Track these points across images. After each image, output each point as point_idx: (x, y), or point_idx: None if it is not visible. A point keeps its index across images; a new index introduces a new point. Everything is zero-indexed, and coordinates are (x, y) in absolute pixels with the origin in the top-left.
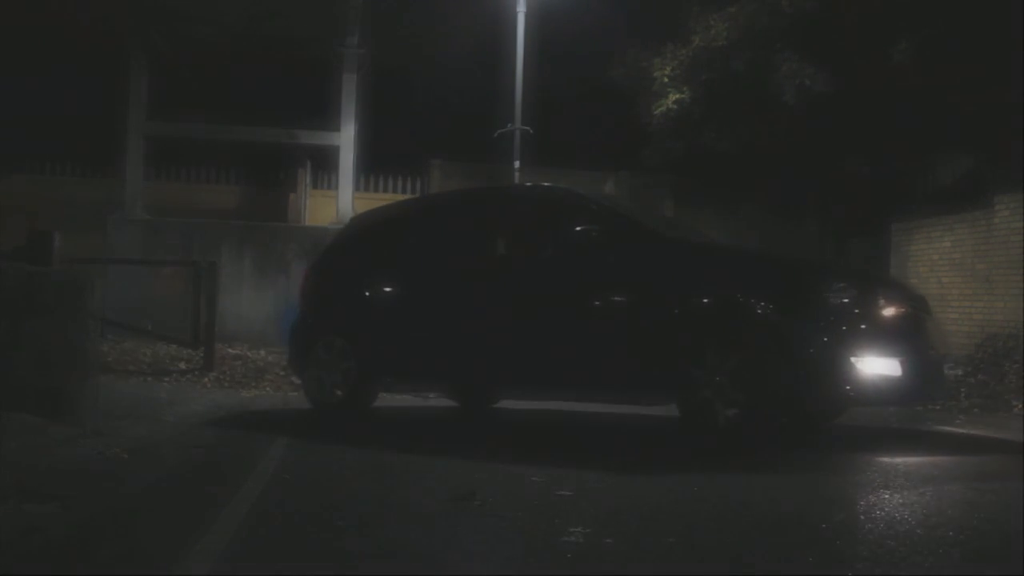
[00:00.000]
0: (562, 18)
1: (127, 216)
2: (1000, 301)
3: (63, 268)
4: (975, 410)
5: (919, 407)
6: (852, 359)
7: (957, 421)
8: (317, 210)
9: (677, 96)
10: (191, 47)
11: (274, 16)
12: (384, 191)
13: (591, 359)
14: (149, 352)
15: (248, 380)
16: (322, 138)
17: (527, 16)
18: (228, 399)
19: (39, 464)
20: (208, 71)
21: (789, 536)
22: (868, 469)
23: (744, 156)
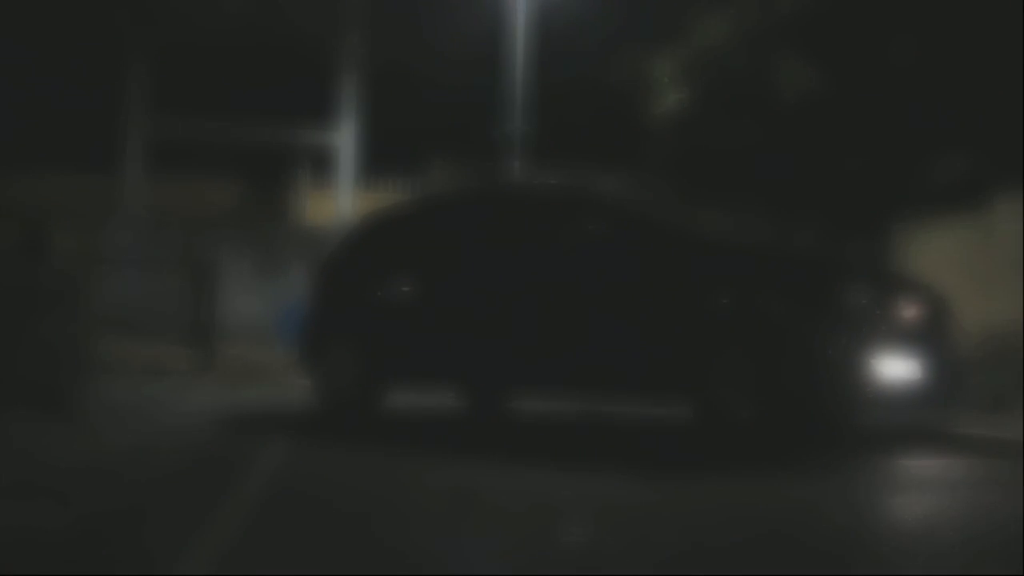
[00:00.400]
0: (562, 16)
1: (127, 216)
2: (1000, 301)
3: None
4: (975, 411)
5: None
6: (871, 360)
7: (957, 421)
8: (317, 210)
9: (677, 96)
10: (191, 46)
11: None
12: (384, 190)
13: (606, 359)
14: (148, 351)
15: (248, 379)
16: (322, 137)
17: (527, 14)
18: (228, 398)
19: (39, 462)
20: (208, 71)
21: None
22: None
23: (744, 156)
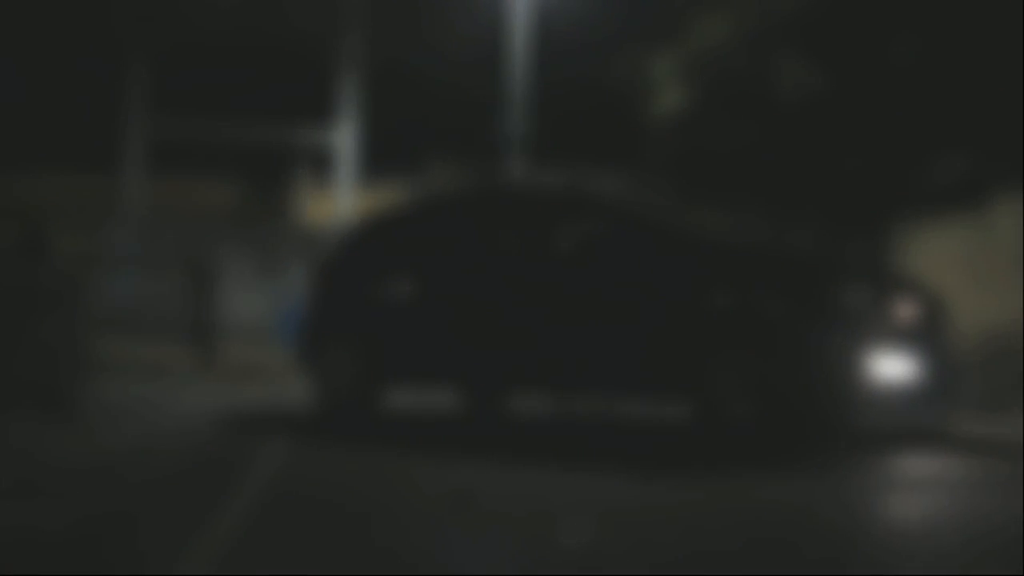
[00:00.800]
0: (562, 16)
1: (126, 216)
2: (1000, 301)
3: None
4: (975, 410)
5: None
6: (867, 359)
7: (956, 421)
8: (317, 210)
9: (676, 95)
10: (191, 46)
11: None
12: (384, 190)
13: (604, 358)
14: (148, 351)
15: (248, 379)
16: (322, 137)
17: (527, 14)
18: (227, 398)
19: (38, 462)
20: (208, 71)
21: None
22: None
23: (744, 155)
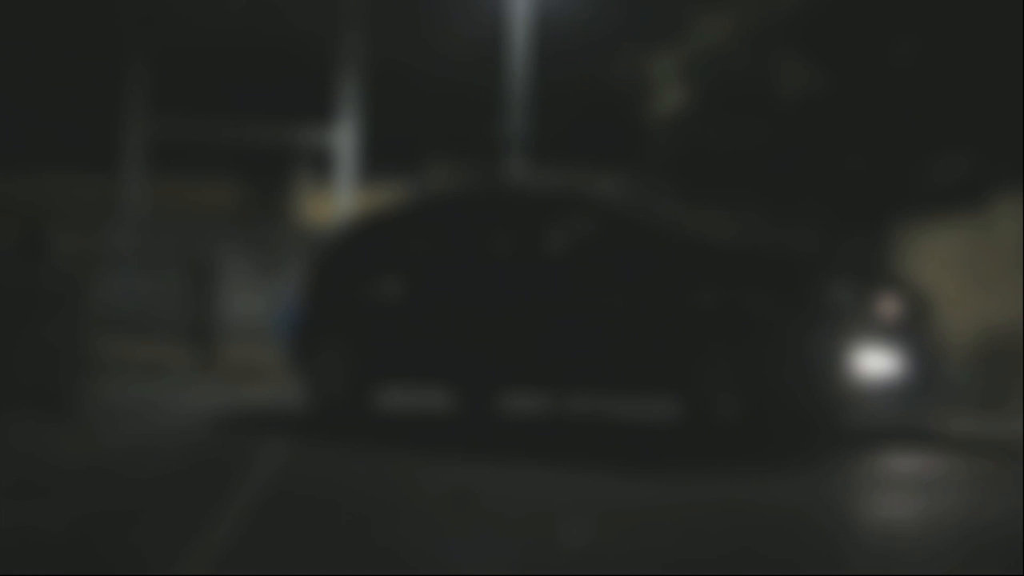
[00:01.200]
0: (562, 16)
1: (126, 216)
2: (1000, 300)
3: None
4: (975, 410)
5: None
6: (851, 356)
7: (956, 421)
8: (317, 209)
9: (677, 95)
10: (191, 46)
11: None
12: (384, 190)
13: (594, 357)
14: (148, 351)
15: (247, 379)
16: (321, 137)
17: (527, 14)
18: (227, 398)
19: (38, 463)
20: (208, 71)
21: (789, 537)
22: (867, 469)
23: (744, 155)
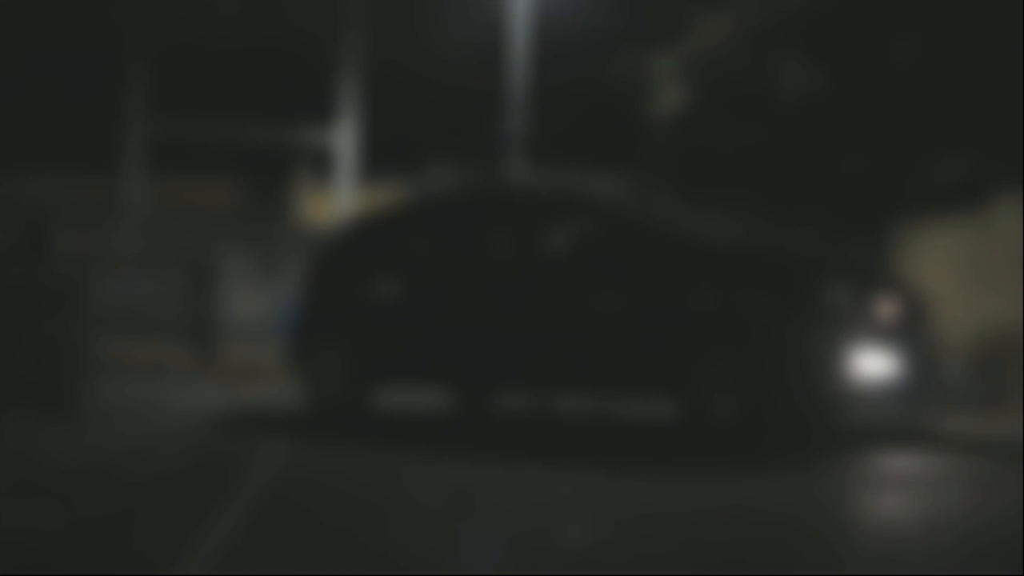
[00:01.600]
0: (562, 16)
1: (126, 215)
2: (1000, 301)
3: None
4: (975, 410)
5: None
6: (849, 357)
7: (955, 421)
8: (317, 209)
9: (677, 95)
10: (191, 46)
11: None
12: (384, 190)
13: (593, 357)
14: (148, 351)
15: (247, 379)
16: (321, 137)
17: (527, 14)
18: (227, 399)
19: (37, 463)
20: (208, 70)
21: (787, 537)
22: (866, 469)
23: (744, 155)
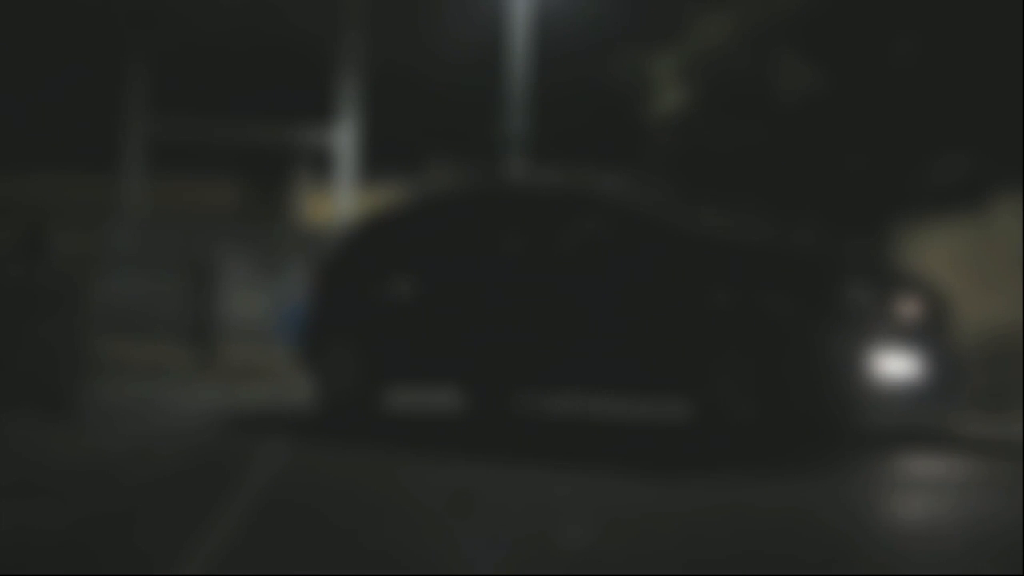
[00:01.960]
0: (562, 16)
1: (126, 216)
2: (1000, 300)
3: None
4: (976, 410)
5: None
6: (871, 358)
7: (958, 421)
8: (317, 210)
9: (677, 95)
10: (191, 46)
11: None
12: (384, 190)
13: (606, 357)
14: (148, 351)
15: (247, 379)
16: (322, 137)
17: (527, 14)
18: (227, 398)
19: (37, 463)
20: (208, 70)
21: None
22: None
23: (744, 155)
